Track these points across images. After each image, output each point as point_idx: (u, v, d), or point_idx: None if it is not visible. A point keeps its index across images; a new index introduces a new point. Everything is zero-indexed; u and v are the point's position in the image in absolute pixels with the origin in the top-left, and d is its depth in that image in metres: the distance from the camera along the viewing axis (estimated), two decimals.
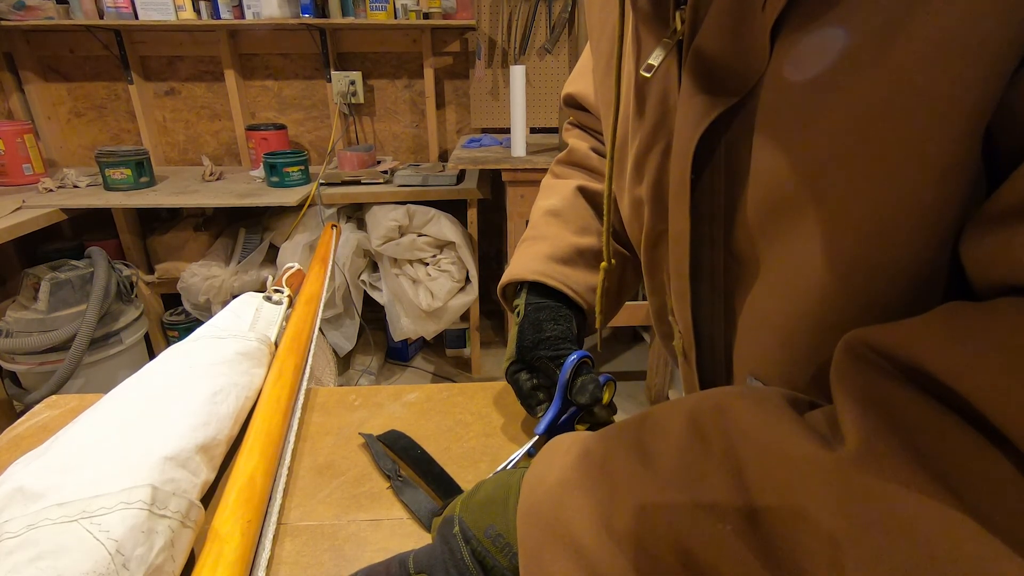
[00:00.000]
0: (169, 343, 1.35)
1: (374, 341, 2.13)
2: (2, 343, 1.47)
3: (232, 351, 0.53)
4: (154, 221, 2.04)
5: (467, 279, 1.90)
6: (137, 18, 1.86)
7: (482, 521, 0.32)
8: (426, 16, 1.89)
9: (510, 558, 0.30)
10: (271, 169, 1.79)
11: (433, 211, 1.83)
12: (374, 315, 2.08)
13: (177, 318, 1.98)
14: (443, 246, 1.87)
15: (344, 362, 2.04)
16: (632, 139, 0.39)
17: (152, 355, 1.25)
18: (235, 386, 0.50)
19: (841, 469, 0.20)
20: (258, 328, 0.61)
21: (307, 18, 1.86)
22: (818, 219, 0.26)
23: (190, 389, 0.47)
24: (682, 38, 0.31)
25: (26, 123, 1.91)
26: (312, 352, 0.63)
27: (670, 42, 0.31)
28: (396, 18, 1.90)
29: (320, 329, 0.70)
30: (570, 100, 0.61)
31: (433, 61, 2.11)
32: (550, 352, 0.47)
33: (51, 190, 1.75)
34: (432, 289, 1.84)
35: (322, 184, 1.85)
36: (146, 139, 2.15)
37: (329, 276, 0.83)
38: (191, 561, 0.37)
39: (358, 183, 1.91)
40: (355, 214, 1.96)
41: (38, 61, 2.07)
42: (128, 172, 1.75)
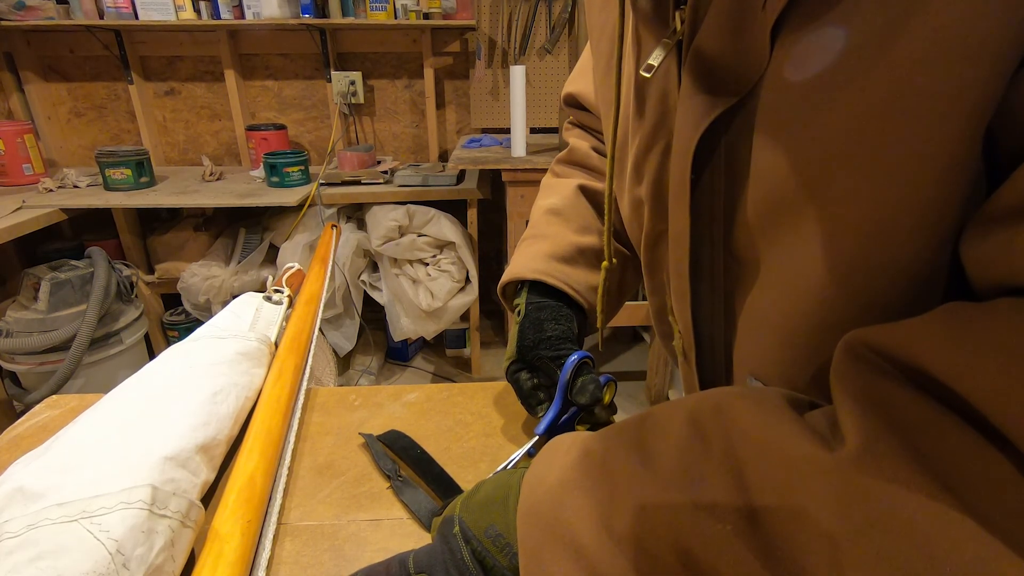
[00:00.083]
0: (169, 343, 1.35)
1: (374, 341, 2.13)
2: (2, 343, 1.47)
3: (232, 351, 0.53)
4: (154, 221, 2.04)
5: (467, 279, 1.90)
6: (137, 18, 1.86)
7: (482, 521, 0.32)
8: (426, 16, 1.89)
9: (510, 558, 0.30)
10: (271, 169, 1.79)
11: (433, 211, 1.83)
12: (374, 315, 2.08)
13: (177, 318, 1.98)
14: (443, 246, 1.87)
15: (344, 362, 2.04)
16: (632, 139, 0.39)
17: (152, 355, 1.25)
18: (235, 386, 0.50)
19: (841, 469, 0.20)
20: (258, 328, 0.61)
21: (307, 18, 1.86)
22: (818, 219, 0.26)
23: (190, 389, 0.47)
24: (682, 38, 0.31)
25: (26, 123, 1.91)
26: (312, 352, 0.63)
27: (670, 42, 0.31)
28: (396, 18, 1.90)
29: (320, 329, 0.70)
30: (570, 100, 0.61)
31: (433, 61, 2.11)
32: (551, 352, 0.47)
33: (51, 190, 1.75)
34: (432, 289, 1.84)
35: (322, 184, 1.85)
36: (146, 139, 2.15)
37: (329, 276, 0.83)
38: (191, 561, 0.37)
39: (358, 183, 1.91)
40: (355, 214, 1.96)
41: (38, 61, 2.07)
42: (128, 172, 1.75)
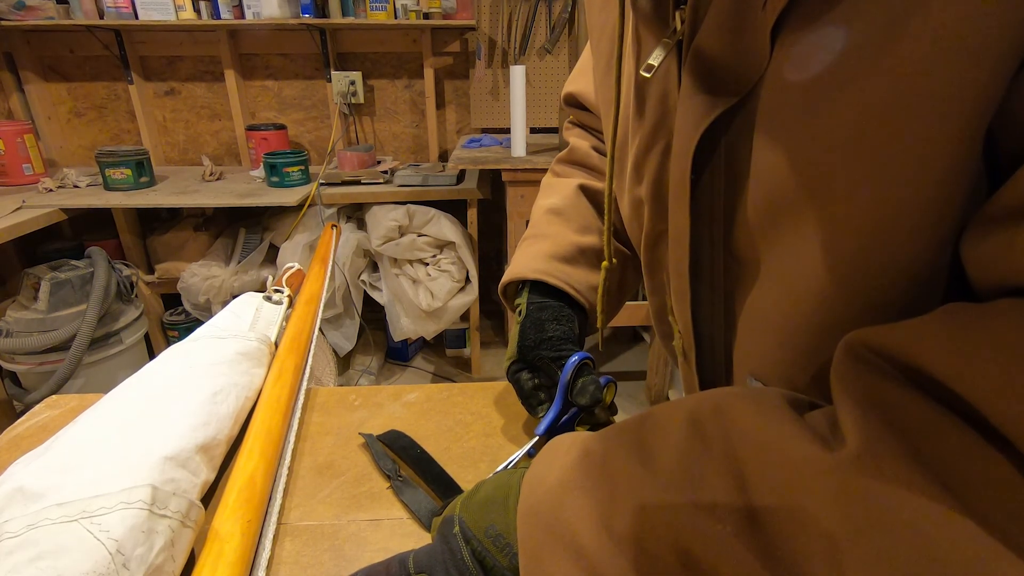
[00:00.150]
0: (169, 343, 1.35)
1: (374, 341, 2.13)
2: (2, 343, 1.47)
3: (232, 351, 0.53)
4: (154, 221, 2.04)
5: (467, 279, 1.90)
6: (137, 18, 1.86)
7: (482, 521, 0.32)
8: (426, 16, 1.89)
9: (510, 558, 0.30)
10: (271, 169, 1.79)
11: (433, 211, 1.83)
12: (374, 315, 2.08)
13: (177, 318, 1.98)
14: (443, 246, 1.87)
15: (344, 362, 2.04)
16: (632, 139, 0.39)
17: (152, 355, 1.25)
18: (235, 386, 0.50)
19: (841, 470, 0.20)
20: (258, 328, 0.61)
21: (307, 18, 1.86)
22: (818, 219, 0.26)
23: (190, 389, 0.47)
24: (682, 38, 0.31)
25: (26, 123, 1.91)
26: (312, 352, 0.63)
27: (670, 42, 0.31)
28: (396, 18, 1.90)
29: (320, 329, 0.70)
30: (570, 99, 0.61)
31: (433, 61, 2.11)
32: (552, 352, 0.47)
33: (51, 190, 1.75)
34: (432, 289, 1.84)
35: (322, 184, 1.85)
36: (146, 139, 2.15)
37: (329, 276, 0.83)
38: (191, 561, 0.37)
39: (358, 183, 1.91)
40: (355, 214, 1.96)
41: (38, 61, 2.07)
42: (128, 172, 1.75)
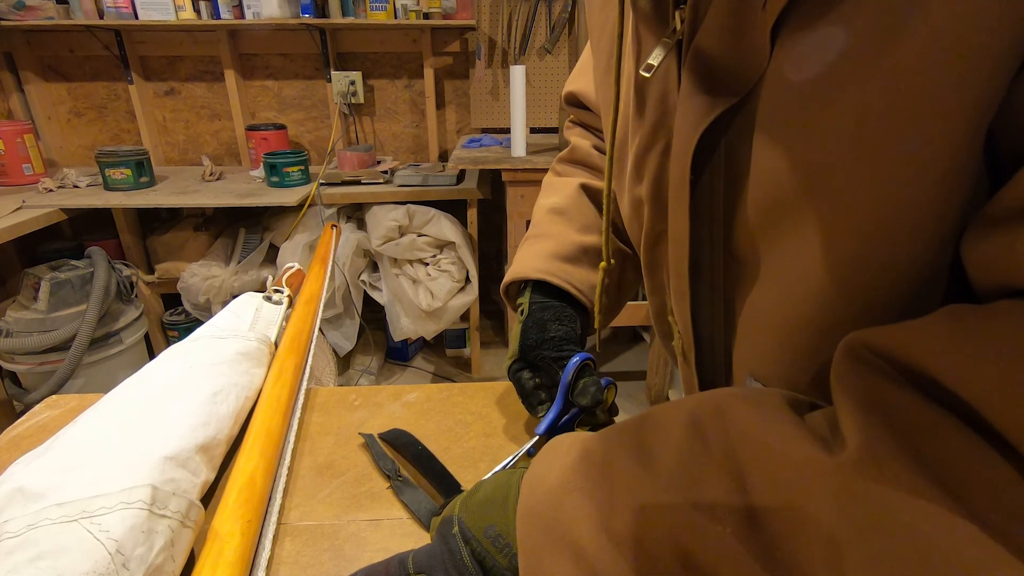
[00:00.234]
0: (169, 343, 1.35)
1: (374, 341, 2.13)
2: (2, 343, 1.47)
3: (232, 351, 0.53)
4: (154, 221, 2.04)
5: (467, 279, 1.90)
6: (137, 18, 1.86)
7: (481, 521, 0.32)
8: (426, 16, 1.89)
9: (510, 558, 0.30)
10: (271, 169, 1.79)
11: (433, 211, 1.83)
12: (374, 315, 2.07)
13: (177, 318, 1.98)
14: (443, 246, 1.87)
15: (344, 362, 2.04)
16: (632, 139, 0.39)
17: (152, 355, 1.25)
18: (235, 386, 0.50)
19: (842, 472, 0.20)
20: (258, 328, 0.61)
21: (307, 18, 1.86)
22: (818, 220, 0.26)
23: (190, 389, 0.47)
24: (682, 38, 0.31)
25: (26, 123, 1.91)
26: (312, 352, 0.63)
27: (670, 42, 0.31)
28: (396, 18, 1.90)
29: (320, 329, 0.70)
30: (571, 98, 0.61)
31: (433, 61, 2.11)
32: (554, 353, 0.47)
33: (51, 190, 1.75)
34: (432, 289, 1.84)
35: (322, 184, 1.85)
36: (146, 139, 2.15)
37: (329, 276, 0.83)
38: (191, 561, 0.37)
39: (358, 183, 1.91)
40: (355, 214, 1.96)
41: (38, 61, 2.07)
42: (128, 172, 1.75)
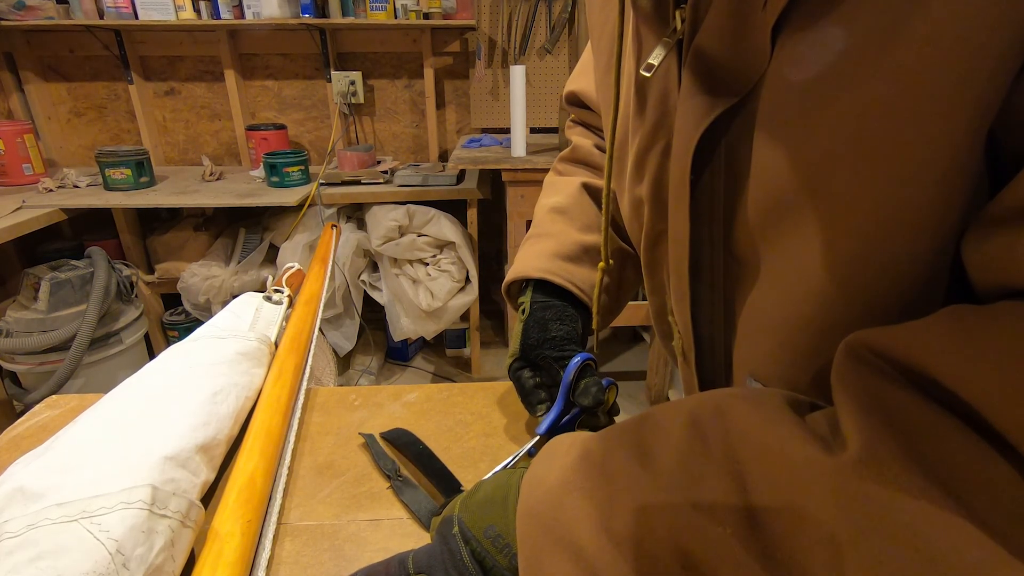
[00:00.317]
0: (169, 343, 1.35)
1: (374, 341, 2.12)
2: (2, 343, 1.47)
3: (232, 351, 0.53)
4: (154, 221, 2.04)
5: (467, 279, 1.90)
6: (137, 18, 1.86)
7: (481, 521, 0.32)
8: (426, 16, 1.89)
9: (509, 558, 0.30)
10: (271, 169, 1.79)
11: (433, 211, 1.83)
12: (374, 315, 2.07)
13: (177, 318, 1.98)
14: (443, 246, 1.87)
15: (344, 362, 2.04)
16: (632, 138, 0.39)
17: (152, 355, 1.25)
18: (235, 386, 0.50)
19: (842, 473, 0.20)
20: (258, 328, 0.61)
21: (307, 18, 1.86)
22: (818, 220, 0.26)
23: (190, 389, 0.47)
24: (682, 37, 0.31)
25: (26, 123, 1.91)
26: (312, 352, 0.63)
27: (670, 41, 0.31)
28: (396, 18, 1.90)
29: (320, 329, 0.70)
30: (572, 98, 0.61)
31: (433, 61, 2.11)
32: (555, 352, 0.47)
33: (51, 190, 1.75)
34: (432, 289, 1.84)
35: (322, 184, 1.85)
36: (146, 139, 2.15)
37: (329, 276, 0.83)
38: (191, 561, 0.37)
39: (358, 183, 1.91)
40: (355, 214, 1.96)
41: (38, 61, 2.07)
42: (128, 172, 1.75)
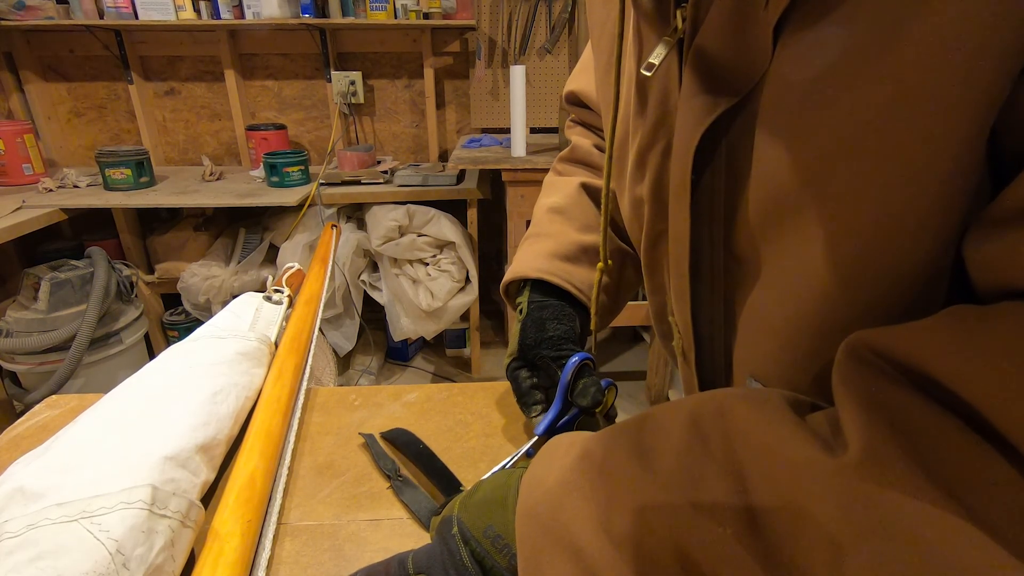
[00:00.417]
0: (169, 343, 1.35)
1: (374, 341, 2.12)
2: (2, 343, 1.47)
3: (232, 351, 0.53)
4: (154, 221, 2.04)
5: (467, 279, 1.90)
6: (137, 18, 1.86)
7: (481, 521, 0.32)
8: (426, 16, 1.89)
9: (509, 559, 0.30)
10: (271, 169, 1.79)
11: (433, 211, 1.83)
12: (374, 315, 2.07)
13: (177, 318, 1.98)
14: (443, 246, 1.87)
15: (344, 362, 2.04)
16: (633, 138, 0.39)
17: (152, 355, 1.25)
18: (235, 386, 0.50)
19: (843, 474, 0.20)
20: (258, 328, 0.61)
21: (307, 18, 1.86)
22: (820, 220, 0.26)
23: (190, 389, 0.47)
24: (683, 36, 0.31)
25: (26, 123, 1.91)
26: (312, 352, 0.63)
27: (671, 40, 0.31)
28: (396, 18, 1.90)
29: (320, 329, 0.70)
30: (572, 98, 0.60)
31: (433, 61, 2.11)
32: (553, 352, 0.47)
33: (51, 190, 1.75)
34: (432, 289, 1.84)
35: (322, 184, 1.85)
36: (146, 139, 2.15)
37: (329, 276, 0.83)
38: (191, 561, 0.37)
39: (358, 183, 1.91)
40: (355, 214, 1.96)
41: (38, 61, 2.07)
42: (128, 172, 1.75)
